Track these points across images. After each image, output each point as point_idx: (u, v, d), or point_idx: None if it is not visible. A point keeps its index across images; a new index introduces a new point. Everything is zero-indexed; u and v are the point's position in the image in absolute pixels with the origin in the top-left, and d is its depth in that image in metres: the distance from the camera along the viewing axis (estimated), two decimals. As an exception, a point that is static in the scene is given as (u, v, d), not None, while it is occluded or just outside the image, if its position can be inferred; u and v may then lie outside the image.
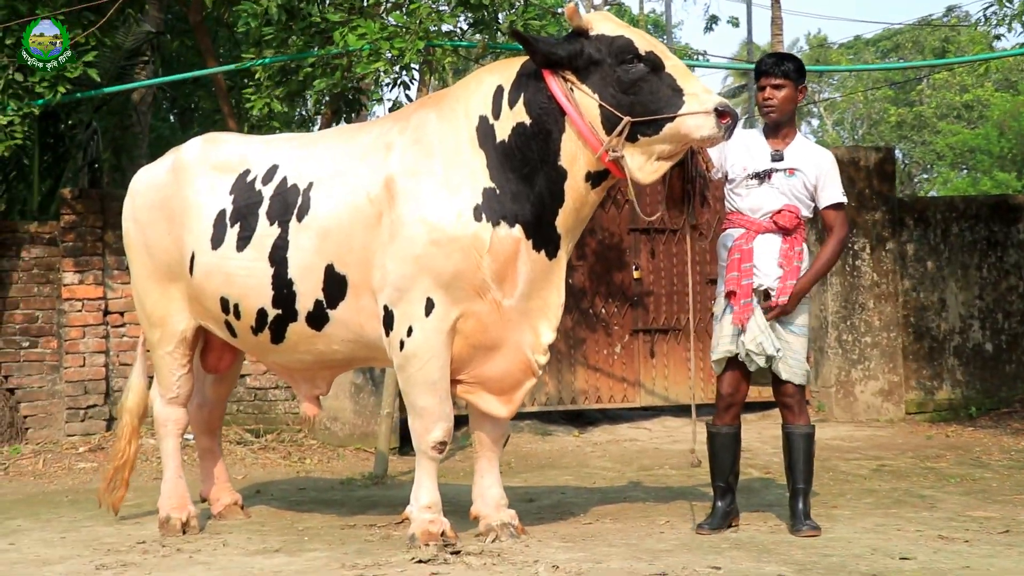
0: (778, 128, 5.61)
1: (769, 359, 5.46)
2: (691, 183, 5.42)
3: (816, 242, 10.74)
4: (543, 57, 5.21)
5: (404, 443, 8.93)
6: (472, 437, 5.89)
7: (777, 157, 5.55)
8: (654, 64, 5.12)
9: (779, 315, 5.47)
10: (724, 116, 5.03)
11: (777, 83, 5.53)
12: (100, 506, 6.45)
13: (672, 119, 5.07)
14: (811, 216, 5.65)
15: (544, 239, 5.33)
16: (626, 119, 5.09)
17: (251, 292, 5.67)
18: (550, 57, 5.20)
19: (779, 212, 5.51)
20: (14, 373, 9.58)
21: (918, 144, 36.56)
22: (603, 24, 5.22)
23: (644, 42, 5.18)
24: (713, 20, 19.60)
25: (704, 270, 10.63)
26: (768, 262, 5.48)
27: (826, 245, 5.62)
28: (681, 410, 10.61)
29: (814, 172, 5.56)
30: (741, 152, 5.56)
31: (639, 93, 5.10)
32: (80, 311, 9.64)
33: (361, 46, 7.73)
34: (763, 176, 5.53)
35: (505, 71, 5.45)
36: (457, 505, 5.97)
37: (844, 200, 5.64)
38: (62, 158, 12.42)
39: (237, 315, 5.77)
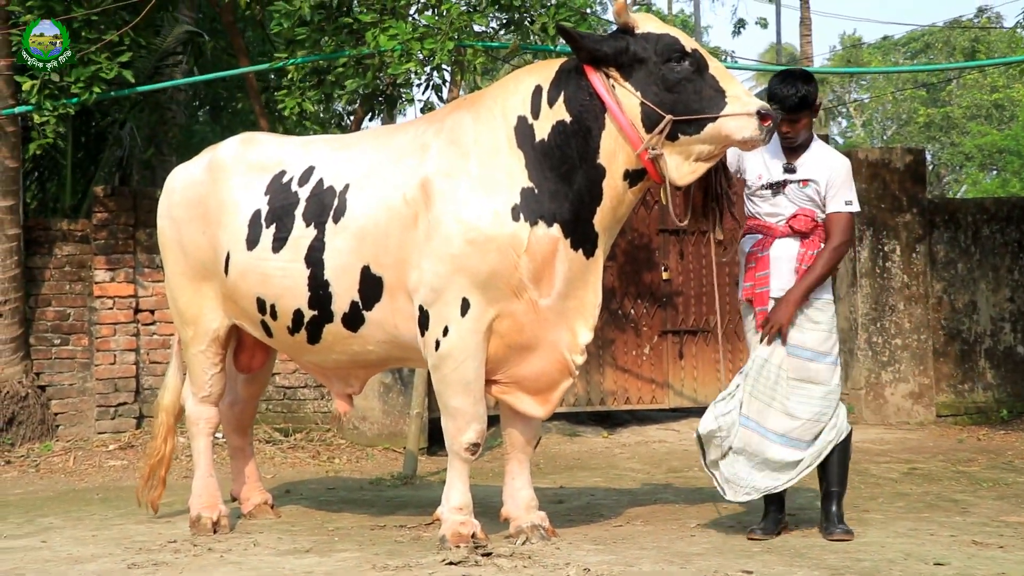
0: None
1: None
2: (715, 200, 5.44)
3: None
4: (588, 53, 5.22)
5: (432, 443, 8.95)
6: (503, 438, 5.86)
7: (789, 170, 5.47)
8: (699, 64, 5.14)
9: (771, 330, 5.37)
10: (766, 119, 5.04)
11: (792, 118, 5.44)
12: (139, 505, 6.46)
13: (714, 119, 5.08)
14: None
15: (582, 238, 5.32)
16: (668, 117, 5.10)
17: (287, 293, 5.67)
18: (595, 53, 5.21)
19: (794, 216, 5.45)
20: (45, 370, 9.65)
21: (946, 145, 36.31)
22: (649, 23, 5.25)
23: (689, 42, 5.20)
24: (741, 24, 19.55)
25: (735, 271, 10.61)
26: (785, 267, 5.43)
27: (820, 252, 5.42)
28: (710, 412, 10.56)
29: (825, 179, 5.44)
30: (757, 160, 5.52)
31: (683, 92, 5.12)
32: (111, 309, 9.69)
33: (392, 47, 7.76)
34: (776, 187, 5.48)
35: (543, 71, 5.46)
36: (487, 506, 5.97)
37: (847, 209, 5.45)
38: (95, 155, 12.48)
39: (273, 315, 5.78)
